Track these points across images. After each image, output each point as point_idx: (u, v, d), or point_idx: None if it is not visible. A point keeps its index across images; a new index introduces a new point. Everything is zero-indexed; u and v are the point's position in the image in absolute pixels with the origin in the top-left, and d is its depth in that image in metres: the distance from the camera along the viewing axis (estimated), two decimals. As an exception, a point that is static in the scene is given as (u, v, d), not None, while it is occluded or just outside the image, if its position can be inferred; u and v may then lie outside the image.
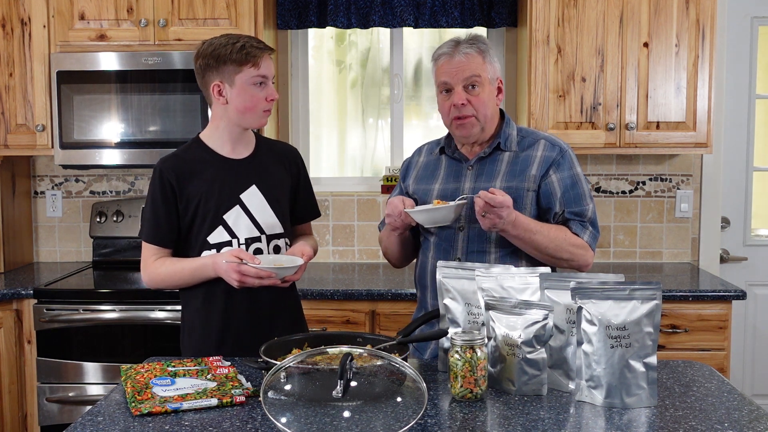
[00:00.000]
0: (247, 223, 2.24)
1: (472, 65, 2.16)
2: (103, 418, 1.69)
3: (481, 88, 2.17)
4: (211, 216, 2.22)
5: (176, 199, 2.22)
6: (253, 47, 2.18)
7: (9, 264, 3.67)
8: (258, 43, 2.21)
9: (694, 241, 3.76)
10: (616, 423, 1.62)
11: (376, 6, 3.68)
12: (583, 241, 2.18)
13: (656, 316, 1.71)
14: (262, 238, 2.25)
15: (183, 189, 2.22)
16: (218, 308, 2.25)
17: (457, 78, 2.16)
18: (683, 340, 3.11)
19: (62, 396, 3.20)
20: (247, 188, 2.25)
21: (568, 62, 3.33)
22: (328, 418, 1.52)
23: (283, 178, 2.34)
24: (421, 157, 2.38)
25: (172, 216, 2.22)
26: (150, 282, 2.26)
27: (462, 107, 2.16)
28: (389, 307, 3.14)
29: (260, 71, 2.18)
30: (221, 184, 2.23)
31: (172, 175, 2.22)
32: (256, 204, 2.25)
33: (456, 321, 1.93)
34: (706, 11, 3.29)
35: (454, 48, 2.18)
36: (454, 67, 2.17)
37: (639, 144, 3.36)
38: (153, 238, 2.24)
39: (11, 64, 3.47)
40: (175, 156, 2.28)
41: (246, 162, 2.28)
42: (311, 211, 2.46)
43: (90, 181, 3.88)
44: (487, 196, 2.01)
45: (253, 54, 2.17)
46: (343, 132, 4.04)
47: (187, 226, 2.23)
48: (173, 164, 2.24)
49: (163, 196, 2.22)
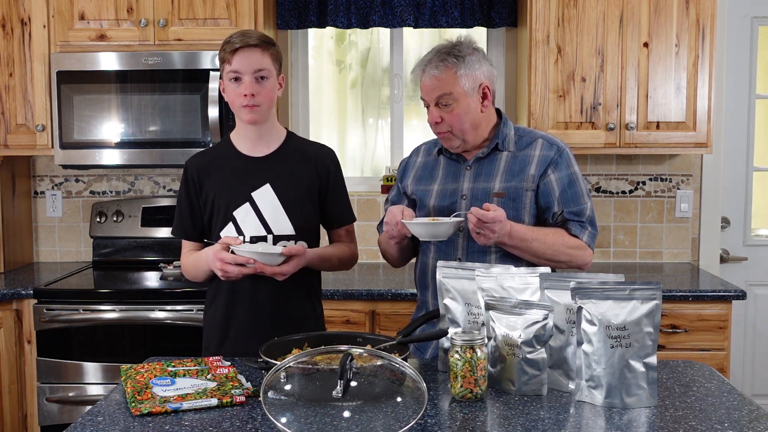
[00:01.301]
0: (255, 221, 2.23)
1: (441, 84, 2.15)
2: (103, 418, 1.68)
3: (455, 104, 2.15)
4: (223, 212, 2.25)
5: (197, 194, 2.28)
6: (229, 42, 2.16)
7: (9, 264, 3.67)
8: (241, 37, 2.16)
9: (694, 241, 3.76)
10: (616, 423, 1.62)
11: (376, 6, 3.68)
12: (580, 241, 2.18)
13: (656, 316, 1.71)
14: (268, 237, 2.23)
15: (203, 185, 2.28)
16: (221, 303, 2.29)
17: (429, 97, 2.18)
18: (683, 340, 3.11)
19: (62, 396, 3.19)
20: (260, 186, 2.25)
21: (568, 62, 3.33)
22: (328, 418, 1.52)
23: (305, 178, 2.29)
24: (419, 157, 2.38)
25: (195, 211, 2.30)
26: (183, 274, 2.39)
27: (437, 125, 2.18)
28: (389, 307, 3.14)
29: (232, 67, 2.15)
30: (234, 181, 2.25)
31: (195, 171, 2.29)
32: (267, 202, 2.24)
33: (456, 321, 1.93)
34: (706, 11, 3.29)
35: (424, 67, 2.17)
36: (426, 86, 2.17)
37: (639, 144, 3.36)
38: (177, 231, 2.35)
39: (11, 64, 3.47)
40: (202, 153, 2.37)
41: (264, 160, 2.28)
42: (342, 215, 2.38)
43: (90, 181, 3.88)
44: (479, 212, 2.01)
45: (228, 50, 2.15)
46: (343, 132, 4.04)
47: (207, 221, 2.29)
48: (197, 161, 2.33)
49: (186, 191, 2.30)
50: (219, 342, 2.29)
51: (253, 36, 2.18)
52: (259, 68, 2.17)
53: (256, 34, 2.21)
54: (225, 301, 2.28)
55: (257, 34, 2.21)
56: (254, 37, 2.18)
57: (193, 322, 3.10)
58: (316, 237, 2.34)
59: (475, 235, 2.05)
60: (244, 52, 2.15)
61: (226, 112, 3.31)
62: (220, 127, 3.30)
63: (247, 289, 2.23)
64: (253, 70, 2.16)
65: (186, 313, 3.13)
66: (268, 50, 2.19)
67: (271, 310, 2.25)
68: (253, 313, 2.26)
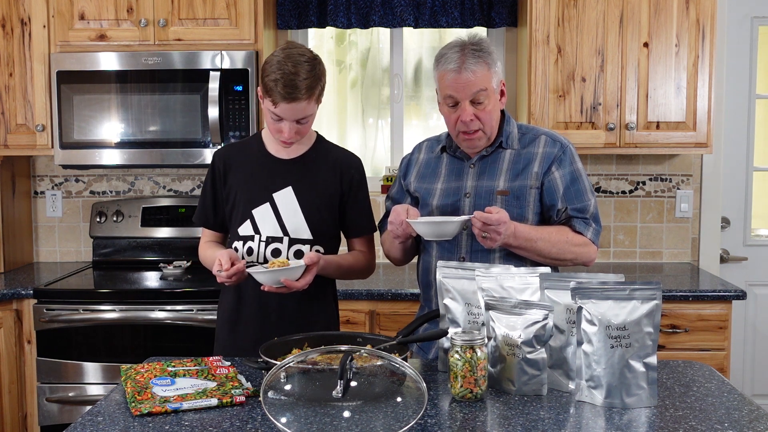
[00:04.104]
0: (273, 222, 2.24)
1: (479, 80, 2.10)
2: (103, 418, 1.68)
3: (487, 101, 2.13)
4: (242, 208, 2.27)
5: (222, 185, 2.31)
6: (277, 90, 2.09)
7: (9, 264, 3.67)
8: (289, 87, 2.08)
9: (694, 241, 3.76)
10: (616, 423, 1.62)
11: (376, 6, 3.68)
12: (585, 238, 2.18)
13: (656, 316, 1.71)
14: (284, 239, 2.24)
15: (227, 177, 2.31)
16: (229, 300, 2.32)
17: (464, 94, 2.11)
18: (683, 340, 3.11)
19: (62, 396, 3.20)
20: (283, 188, 2.25)
21: (568, 62, 3.33)
22: (328, 418, 1.52)
23: (328, 185, 2.28)
24: (422, 154, 2.37)
25: (218, 201, 2.33)
26: (199, 258, 2.41)
27: (470, 123, 2.13)
28: (389, 307, 3.14)
29: (275, 110, 2.12)
30: (258, 179, 2.27)
31: (222, 162, 2.32)
32: (287, 205, 2.24)
33: (456, 321, 1.93)
34: (706, 11, 3.29)
35: (462, 63, 2.10)
36: (462, 83, 2.10)
37: (639, 144, 3.36)
38: (198, 219, 2.39)
39: (11, 64, 3.47)
40: (231, 145, 2.40)
41: (290, 162, 2.28)
42: (361, 225, 2.35)
43: (90, 181, 3.88)
44: (482, 216, 2.00)
45: (275, 94, 2.10)
46: (343, 132, 4.04)
47: (228, 213, 2.31)
48: (226, 152, 2.35)
49: (212, 181, 2.33)
50: (228, 335, 2.32)
51: (297, 88, 2.08)
52: (303, 117, 2.15)
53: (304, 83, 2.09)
54: (233, 298, 2.31)
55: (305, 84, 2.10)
56: (302, 89, 2.09)
57: (193, 322, 3.11)
58: (335, 243, 2.33)
59: (482, 239, 2.05)
60: (291, 104, 2.11)
61: (226, 112, 3.31)
62: (220, 127, 3.31)
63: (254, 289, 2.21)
64: (295, 118, 2.14)
65: (186, 313, 3.13)
66: (314, 96, 2.13)
67: (279, 310, 2.26)
68: (262, 312, 2.27)
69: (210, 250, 2.33)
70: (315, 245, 2.25)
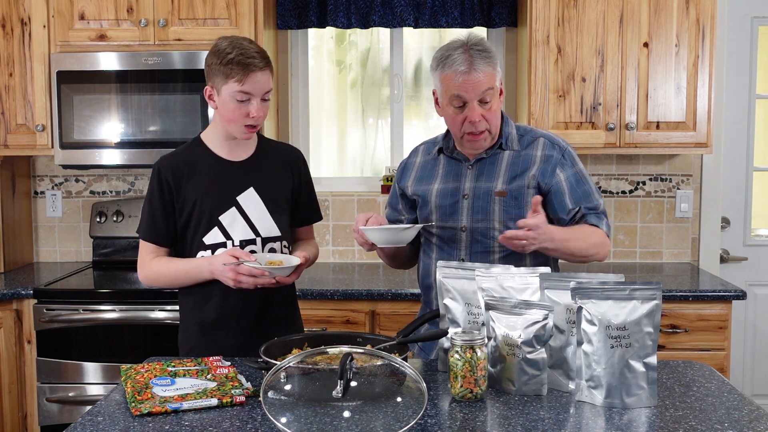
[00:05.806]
0: (243, 225, 2.23)
1: (488, 79, 2.10)
2: (103, 418, 1.69)
3: (493, 100, 2.13)
4: (207, 217, 2.22)
5: (173, 198, 2.23)
6: (241, 63, 2.10)
7: (9, 264, 3.67)
8: (251, 58, 2.11)
9: (694, 241, 3.76)
10: (616, 423, 1.62)
11: (376, 6, 3.68)
12: (603, 234, 2.20)
13: (656, 316, 1.71)
14: (257, 240, 2.24)
15: (180, 189, 2.22)
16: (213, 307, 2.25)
17: (473, 94, 2.10)
18: (683, 340, 3.11)
19: (62, 396, 3.20)
20: (245, 190, 2.25)
21: (568, 62, 3.33)
22: (328, 418, 1.52)
23: (283, 180, 2.32)
24: (418, 158, 2.37)
25: (169, 215, 2.23)
26: (145, 280, 2.27)
27: (478, 123, 2.12)
28: (389, 307, 3.14)
29: (243, 87, 2.11)
30: (218, 186, 2.23)
31: (170, 174, 2.22)
32: (253, 206, 2.24)
33: (456, 321, 1.93)
34: (706, 11, 3.29)
35: (471, 64, 2.08)
36: (472, 83, 2.09)
37: (639, 144, 3.36)
38: (150, 236, 2.25)
39: (11, 64, 3.47)
40: (174, 155, 2.28)
41: (245, 164, 2.27)
42: (312, 214, 2.43)
43: (90, 181, 3.88)
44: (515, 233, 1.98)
45: (240, 70, 2.10)
46: (343, 132, 4.04)
47: (183, 225, 2.24)
48: (171, 163, 2.25)
49: (160, 194, 2.23)
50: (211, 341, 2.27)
51: (257, 56, 2.12)
52: (268, 90, 2.17)
53: (260, 52, 2.14)
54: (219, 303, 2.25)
55: (261, 53, 2.14)
56: (259, 57, 2.13)
57: (193, 322, 3.11)
58: (292, 237, 2.37)
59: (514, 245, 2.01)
60: (256, 75, 2.12)
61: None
62: (220, 127, 3.31)
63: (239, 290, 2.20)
64: (263, 92, 2.15)
65: (186, 313, 3.13)
66: (271, 69, 2.18)
67: (257, 313, 2.26)
68: (244, 316, 2.25)
69: (174, 263, 2.23)
70: (283, 241, 2.28)
